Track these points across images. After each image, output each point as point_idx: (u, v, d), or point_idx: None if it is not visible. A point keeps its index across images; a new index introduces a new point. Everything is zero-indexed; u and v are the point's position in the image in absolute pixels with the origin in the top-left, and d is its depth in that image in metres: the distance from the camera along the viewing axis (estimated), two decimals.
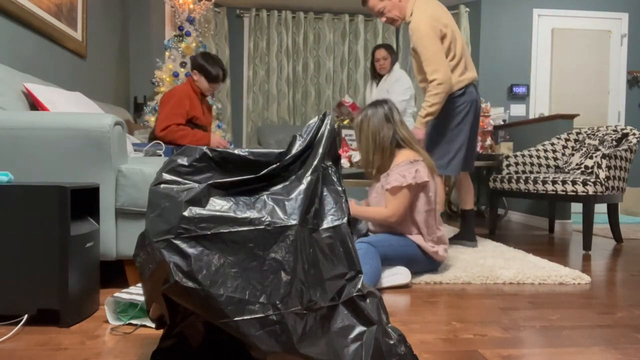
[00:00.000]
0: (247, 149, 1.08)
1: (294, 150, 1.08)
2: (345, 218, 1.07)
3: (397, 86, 3.78)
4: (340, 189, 1.11)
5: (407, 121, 3.94)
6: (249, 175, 1.05)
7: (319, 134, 1.12)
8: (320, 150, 1.10)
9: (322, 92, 5.74)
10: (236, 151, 1.07)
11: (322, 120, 1.13)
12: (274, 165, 1.06)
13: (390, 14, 2.70)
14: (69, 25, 2.97)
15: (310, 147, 1.10)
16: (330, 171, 1.12)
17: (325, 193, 1.09)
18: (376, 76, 3.96)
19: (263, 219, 0.99)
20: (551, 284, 2.16)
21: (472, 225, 2.96)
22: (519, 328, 1.54)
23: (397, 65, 3.88)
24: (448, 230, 3.62)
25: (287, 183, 1.06)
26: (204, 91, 2.98)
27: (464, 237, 2.97)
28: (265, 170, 1.05)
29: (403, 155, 2.11)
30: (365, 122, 2.15)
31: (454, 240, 3.00)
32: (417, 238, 2.11)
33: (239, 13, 5.67)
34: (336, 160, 1.15)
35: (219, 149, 1.06)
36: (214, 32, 5.49)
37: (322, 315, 1.00)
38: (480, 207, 5.30)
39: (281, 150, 1.08)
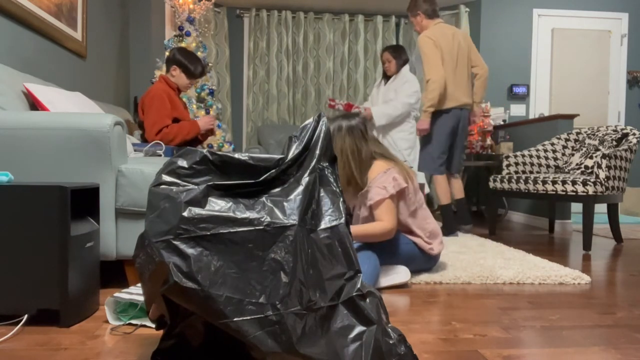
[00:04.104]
0: (247, 154, 1.08)
1: (292, 154, 1.09)
2: (343, 218, 1.07)
3: (406, 87, 3.81)
4: (337, 189, 1.11)
5: (409, 124, 3.95)
6: (249, 180, 1.05)
7: (315, 136, 1.12)
8: (317, 151, 1.10)
9: (322, 92, 5.74)
10: (236, 155, 1.07)
11: (317, 122, 1.14)
12: (273, 171, 1.06)
13: (414, 28, 3.56)
14: (69, 25, 2.97)
15: (307, 149, 1.11)
16: (326, 172, 1.12)
17: (322, 194, 1.09)
18: (386, 75, 3.99)
19: (262, 220, 0.99)
20: (551, 284, 2.16)
21: (449, 217, 3.42)
22: (519, 328, 1.54)
23: (406, 68, 3.90)
24: None
25: (285, 186, 1.07)
26: (182, 87, 2.98)
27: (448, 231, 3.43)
28: (264, 176, 1.05)
29: (375, 169, 2.03)
30: (339, 138, 2.03)
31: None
32: (413, 237, 2.11)
33: (239, 13, 5.67)
34: (332, 161, 1.15)
35: (219, 152, 1.06)
36: (214, 32, 5.49)
37: (322, 315, 1.00)
38: (480, 207, 5.31)
39: (281, 155, 1.09)
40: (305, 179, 1.06)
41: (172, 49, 2.99)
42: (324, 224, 1.05)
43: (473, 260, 2.55)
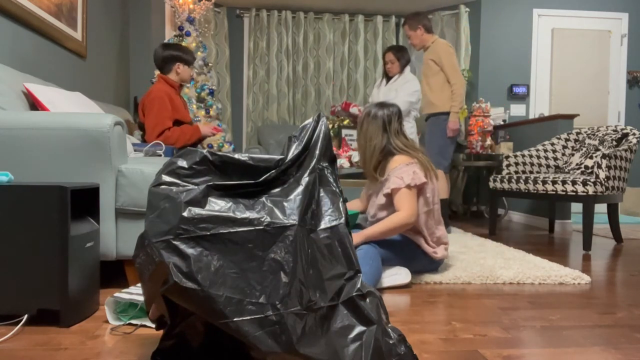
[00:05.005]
0: (247, 154, 1.08)
1: (291, 154, 1.09)
2: (343, 218, 1.07)
3: (407, 87, 3.83)
4: (336, 189, 1.11)
5: (409, 124, 3.95)
6: (248, 181, 1.05)
7: (315, 136, 1.12)
8: (317, 151, 1.10)
9: (322, 92, 5.74)
10: (236, 156, 1.07)
11: (317, 122, 1.14)
12: (273, 171, 1.06)
13: (411, 41, 3.76)
14: (69, 25, 2.97)
15: (306, 149, 1.10)
16: (326, 172, 1.12)
17: (322, 194, 1.09)
18: (386, 75, 3.99)
19: (262, 219, 0.99)
20: (551, 284, 2.16)
21: (444, 212, 3.54)
22: (519, 328, 1.54)
23: (408, 68, 3.92)
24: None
25: (285, 186, 1.07)
26: (187, 79, 3.05)
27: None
28: (264, 177, 1.05)
29: (397, 160, 2.10)
30: (366, 122, 2.18)
31: None
32: (417, 238, 2.11)
33: (239, 13, 5.67)
34: (332, 161, 1.15)
35: (219, 153, 1.06)
36: (214, 32, 5.49)
37: (322, 315, 1.00)
38: (480, 207, 5.30)
39: (281, 156, 1.09)
40: (305, 179, 1.06)
41: (163, 49, 2.96)
42: (323, 224, 1.05)
43: (473, 260, 2.55)
